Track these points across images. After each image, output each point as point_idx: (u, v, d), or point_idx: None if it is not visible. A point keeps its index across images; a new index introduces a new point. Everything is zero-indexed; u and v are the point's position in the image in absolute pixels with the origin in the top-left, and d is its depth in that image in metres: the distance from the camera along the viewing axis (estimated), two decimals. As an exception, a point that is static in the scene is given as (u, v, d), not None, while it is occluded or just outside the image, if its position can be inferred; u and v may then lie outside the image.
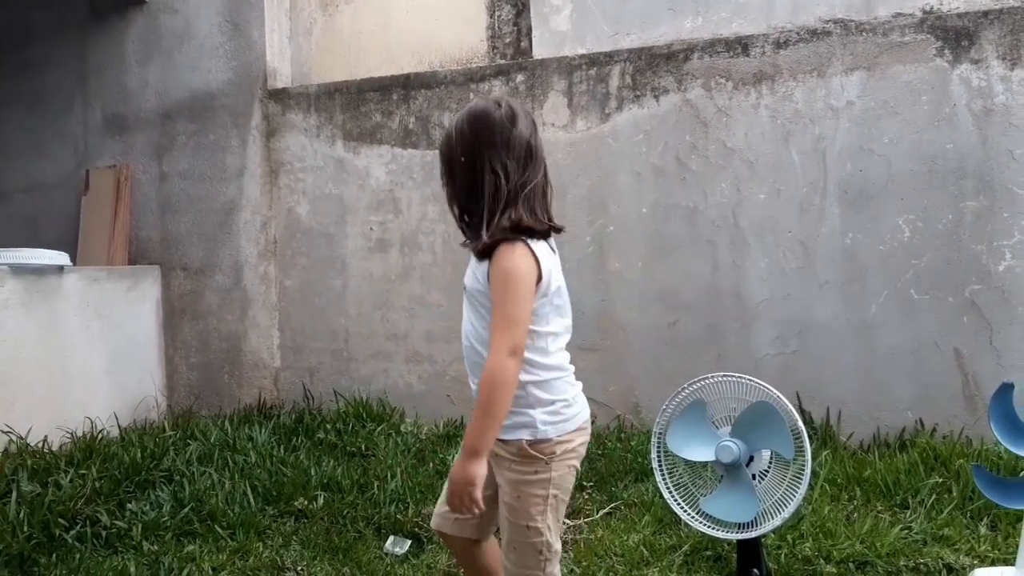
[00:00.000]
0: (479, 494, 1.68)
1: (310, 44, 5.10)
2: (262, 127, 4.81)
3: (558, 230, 1.82)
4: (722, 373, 2.42)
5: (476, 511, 1.72)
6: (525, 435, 1.77)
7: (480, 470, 1.68)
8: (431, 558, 2.90)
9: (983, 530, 2.85)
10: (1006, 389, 2.20)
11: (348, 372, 4.63)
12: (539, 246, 1.75)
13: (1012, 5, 3.72)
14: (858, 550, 2.69)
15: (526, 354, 1.74)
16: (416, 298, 4.51)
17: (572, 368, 1.89)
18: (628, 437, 3.95)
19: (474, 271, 1.81)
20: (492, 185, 1.74)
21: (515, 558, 1.82)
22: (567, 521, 3.14)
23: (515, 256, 1.70)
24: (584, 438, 1.88)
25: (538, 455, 1.77)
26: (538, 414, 1.78)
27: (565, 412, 1.81)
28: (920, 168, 3.74)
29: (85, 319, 4.31)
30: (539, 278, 1.73)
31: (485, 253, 1.75)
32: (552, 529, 1.81)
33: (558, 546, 1.84)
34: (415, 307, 4.51)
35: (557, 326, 1.83)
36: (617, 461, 3.65)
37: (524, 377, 1.75)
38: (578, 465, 1.87)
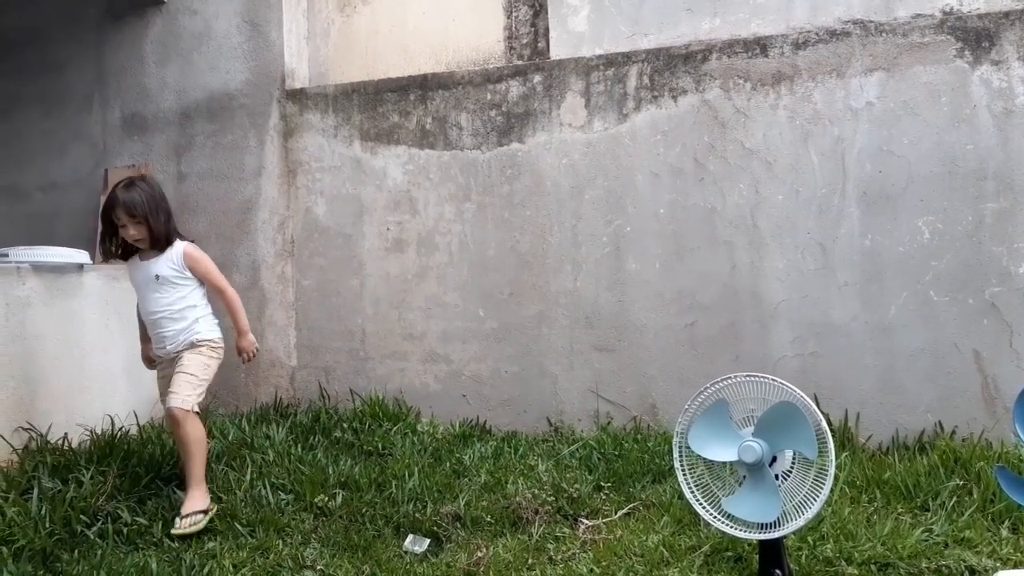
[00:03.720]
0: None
1: (328, 45, 5.12)
2: (280, 127, 4.83)
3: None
4: (745, 373, 2.42)
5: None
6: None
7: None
8: (450, 557, 2.90)
9: (1005, 532, 2.83)
10: (1031, 391, 2.18)
11: (364, 372, 4.64)
12: None
13: (1034, 6, 3.71)
14: (879, 552, 2.68)
15: (206, 300, 3.51)
16: (432, 298, 4.52)
17: None
18: (645, 438, 3.94)
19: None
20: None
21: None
22: (585, 521, 3.15)
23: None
24: None
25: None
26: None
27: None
28: (940, 169, 3.73)
29: (104, 317, 4.33)
30: None
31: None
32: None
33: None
34: (431, 307, 4.52)
35: None
36: (634, 462, 3.64)
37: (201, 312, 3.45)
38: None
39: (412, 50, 4.95)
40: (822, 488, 2.25)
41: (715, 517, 2.39)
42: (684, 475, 2.47)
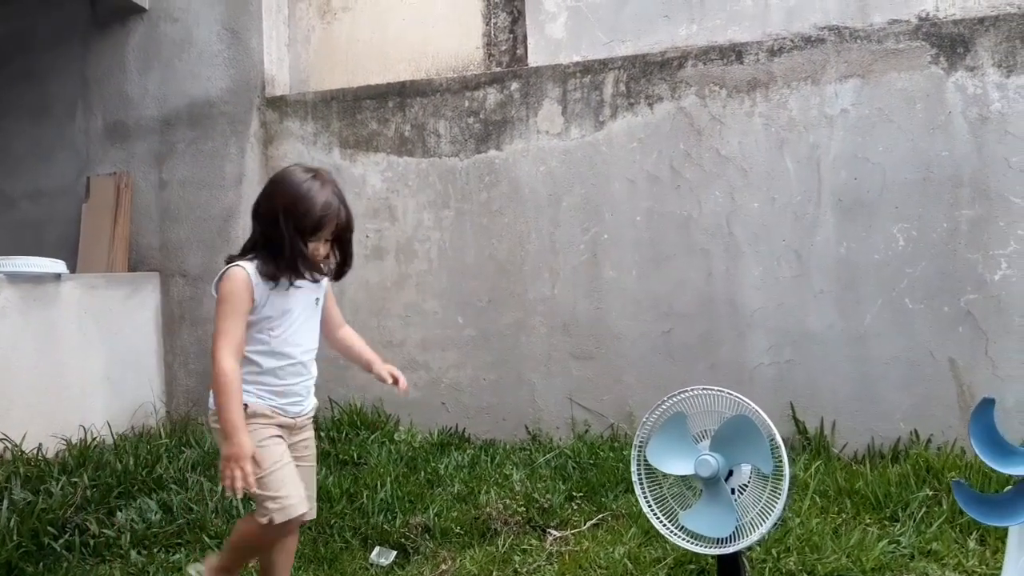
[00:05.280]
0: None
1: (308, 52, 5.11)
2: (260, 135, 4.83)
3: None
4: (702, 386, 2.40)
5: None
6: None
7: None
8: (415, 569, 2.90)
9: (972, 544, 2.82)
10: (987, 404, 2.17)
11: (344, 380, 4.63)
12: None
13: (1008, 12, 3.69)
14: (843, 564, 2.67)
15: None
16: (411, 306, 4.51)
17: None
18: (621, 447, 3.93)
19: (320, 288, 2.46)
20: None
21: None
22: (553, 532, 3.14)
23: None
24: None
25: None
26: None
27: None
28: (915, 176, 3.71)
29: (83, 326, 4.33)
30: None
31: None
32: None
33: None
34: (411, 315, 4.51)
35: None
36: (609, 471, 3.63)
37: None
38: None
39: (392, 57, 4.94)
40: (777, 503, 2.23)
41: (672, 531, 2.38)
42: (642, 488, 2.46)
